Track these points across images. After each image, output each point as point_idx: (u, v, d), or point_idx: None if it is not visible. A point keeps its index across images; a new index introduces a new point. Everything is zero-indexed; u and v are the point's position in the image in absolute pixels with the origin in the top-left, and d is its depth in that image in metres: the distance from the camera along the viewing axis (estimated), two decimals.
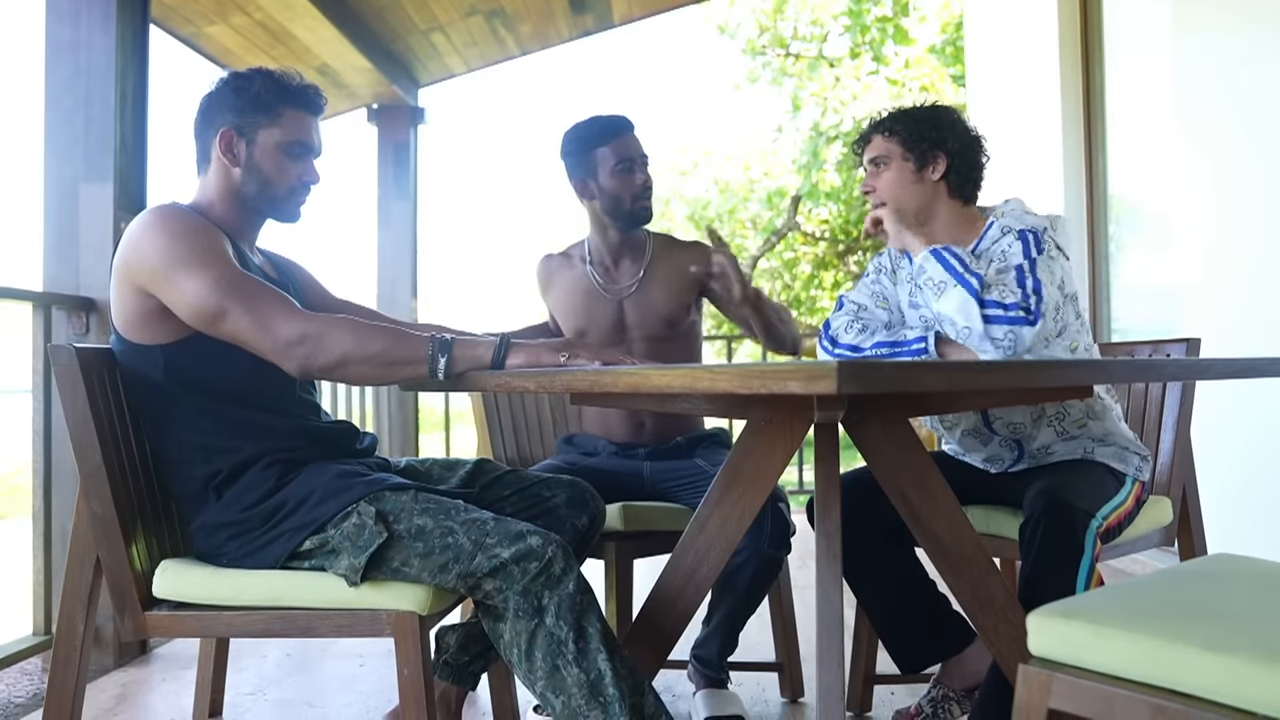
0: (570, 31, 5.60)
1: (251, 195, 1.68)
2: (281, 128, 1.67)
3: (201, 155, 1.71)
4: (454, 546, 1.46)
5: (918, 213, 1.91)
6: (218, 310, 1.51)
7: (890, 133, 1.91)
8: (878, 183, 1.93)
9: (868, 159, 1.95)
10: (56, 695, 1.62)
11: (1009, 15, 5.34)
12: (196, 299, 1.51)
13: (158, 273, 1.54)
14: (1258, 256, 3.01)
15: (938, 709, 2.01)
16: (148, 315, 1.57)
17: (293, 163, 1.69)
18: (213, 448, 1.58)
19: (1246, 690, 0.98)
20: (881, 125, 1.94)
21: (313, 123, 1.72)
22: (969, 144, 1.92)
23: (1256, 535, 2.83)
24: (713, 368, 1.18)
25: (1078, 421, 1.89)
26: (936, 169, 1.90)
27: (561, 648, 1.42)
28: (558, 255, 2.41)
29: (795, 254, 15.34)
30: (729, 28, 14.46)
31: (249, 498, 1.56)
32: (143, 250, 1.55)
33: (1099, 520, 1.70)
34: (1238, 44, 3.14)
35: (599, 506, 1.83)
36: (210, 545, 1.59)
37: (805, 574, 3.43)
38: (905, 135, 1.90)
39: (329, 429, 1.72)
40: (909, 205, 1.91)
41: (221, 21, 4.40)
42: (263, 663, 2.71)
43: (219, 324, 1.52)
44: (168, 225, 1.56)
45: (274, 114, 1.67)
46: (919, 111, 1.94)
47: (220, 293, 1.51)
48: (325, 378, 1.57)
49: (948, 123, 1.91)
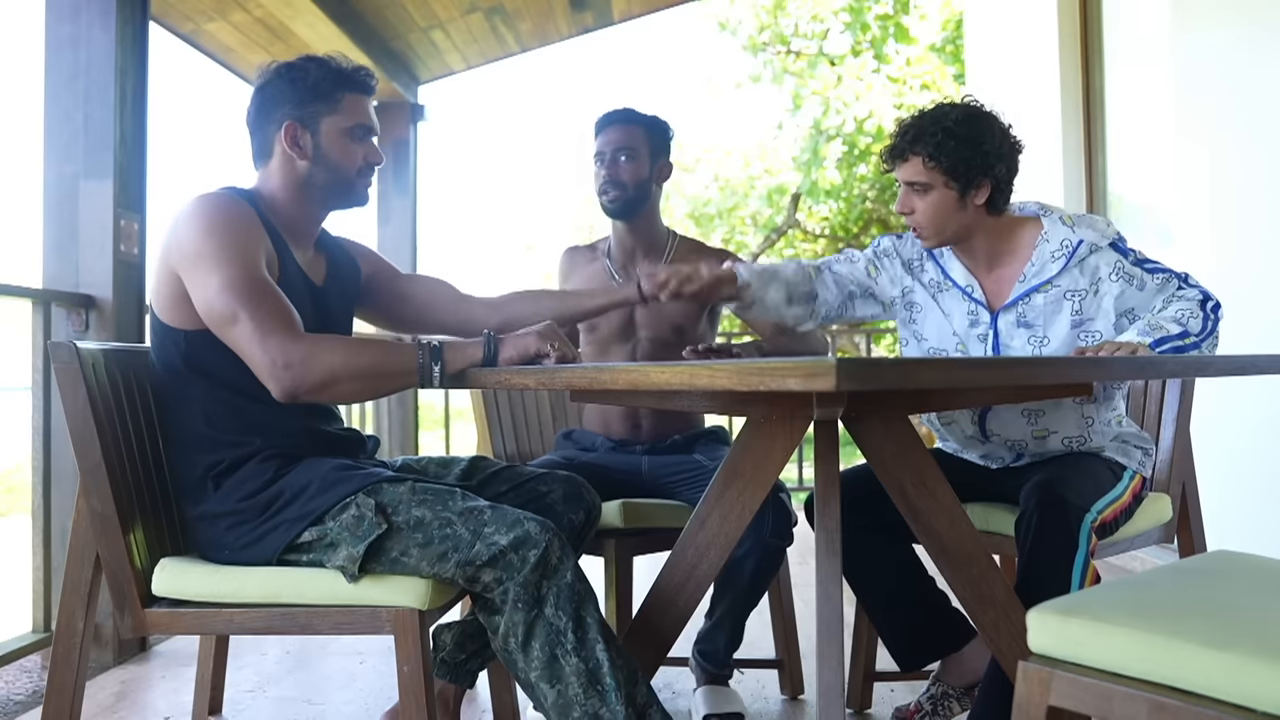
0: (570, 29, 5.60)
1: (321, 185, 1.70)
2: (343, 113, 1.69)
3: (260, 149, 1.71)
4: (453, 536, 1.47)
5: (959, 233, 1.84)
6: (226, 314, 1.51)
7: (931, 159, 1.76)
8: (916, 205, 1.81)
9: (904, 179, 1.81)
10: (56, 692, 1.62)
11: (1009, 14, 5.33)
12: (211, 297, 1.52)
13: (186, 261, 1.55)
14: (1257, 254, 3.01)
15: (937, 706, 2.01)
16: (177, 299, 1.58)
17: (357, 146, 1.71)
18: (218, 439, 1.59)
19: (1246, 687, 0.98)
20: (920, 148, 1.77)
21: (369, 103, 1.74)
22: (1010, 158, 1.81)
23: (1256, 532, 2.82)
24: (712, 365, 1.18)
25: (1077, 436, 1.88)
26: (980, 195, 1.79)
27: (560, 637, 1.43)
28: (583, 248, 2.42)
29: (795, 251, 15.33)
30: (729, 24, 14.45)
31: (247, 488, 1.56)
32: (180, 236, 1.56)
33: (1093, 514, 1.70)
34: (1237, 44, 3.13)
35: (594, 501, 1.83)
36: (209, 536, 1.59)
37: (805, 571, 3.43)
38: (948, 165, 1.76)
39: (336, 436, 1.72)
40: (951, 229, 1.82)
41: (221, 18, 4.40)
42: (262, 660, 2.71)
43: (226, 329, 1.53)
44: (206, 216, 1.57)
45: (334, 101, 1.68)
46: (961, 131, 1.76)
47: (232, 296, 1.51)
48: (317, 399, 1.55)
49: (992, 143, 1.77)
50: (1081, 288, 1.82)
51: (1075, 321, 1.82)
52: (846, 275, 1.99)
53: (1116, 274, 1.80)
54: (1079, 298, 1.82)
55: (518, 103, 31.19)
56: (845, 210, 14.32)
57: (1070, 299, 1.82)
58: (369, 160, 1.72)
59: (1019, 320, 1.85)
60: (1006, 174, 1.81)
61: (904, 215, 1.84)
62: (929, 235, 1.83)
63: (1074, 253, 1.82)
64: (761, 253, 14.89)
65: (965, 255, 1.90)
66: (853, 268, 2.00)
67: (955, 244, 1.88)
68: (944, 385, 1.51)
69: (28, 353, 2.66)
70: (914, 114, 1.84)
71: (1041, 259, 1.84)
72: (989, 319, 1.88)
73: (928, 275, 1.96)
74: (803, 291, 1.94)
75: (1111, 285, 1.81)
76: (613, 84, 27.96)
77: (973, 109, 1.82)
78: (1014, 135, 1.84)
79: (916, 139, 1.78)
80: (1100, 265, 1.81)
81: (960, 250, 1.90)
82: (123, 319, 2.74)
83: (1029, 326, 1.85)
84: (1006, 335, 1.87)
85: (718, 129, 20.59)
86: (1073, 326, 1.82)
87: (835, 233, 14.78)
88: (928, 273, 1.96)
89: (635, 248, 2.33)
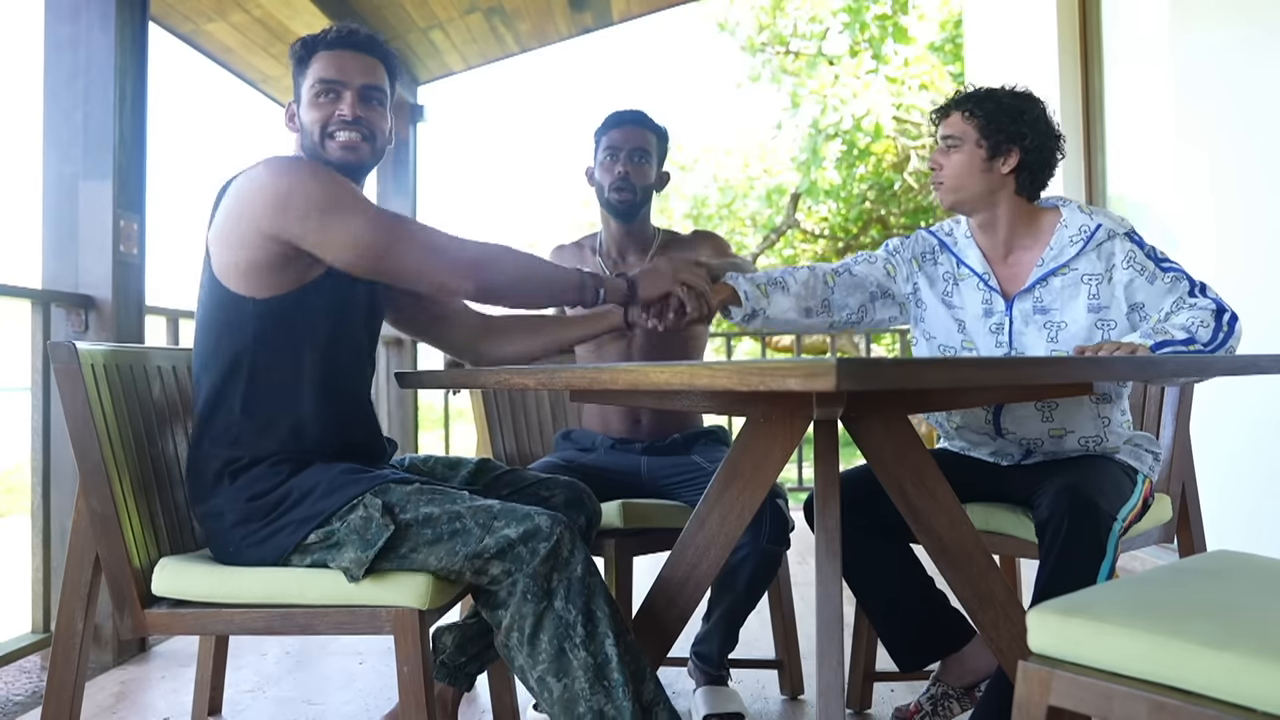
0: (569, 29, 5.60)
1: (309, 155, 1.68)
2: (308, 75, 1.68)
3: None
4: (462, 531, 1.46)
5: (978, 199, 1.89)
6: (386, 245, 1.53)
7: (970, 114, 1.86)
8: (945, 161, 1.89)
9: (940, 135, 1.91)
10: (55, 693, 1.62)
11: (1008, 14, 5.34)
12: (361, 233, 1.52)
13: (312, 213, 1.51)
14: (1256, 255, 3.01)
15: (937, 707, 2.01)
16: (260, 266, 1.55)
17: (323, 105, 1.65)
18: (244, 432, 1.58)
19: (1246, 686, 0.98)
20: (964, 103, 1.88)
21: (339, 57, 1.66)
22: (1047, 142, 1.88)
23: (1256, 532, 2.82)
24: (712, 365, 1.18)
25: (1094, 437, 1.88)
26: (1008, 162, 1.85)
27: (570, 630, 1.42)
28: (570, 245, 2.42)
29: (795, 251, 15.33)
30: (728, 24, 14.45)
31: (257, 488, 1.56)
32: (292, 194, 1.52)
33: (1120, 522, 1.69)
34: (1236, 44, 3.14)
35: (595, 507, 1.83)
36: (216, 531, 1.59)
37: (805, 571, 3.44)
38: (984, 120, 1.85)
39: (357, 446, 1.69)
40: (970, 191, 1.88)
41: (221, 19, 4.40)
42: (262, 660, 2.71)
43: (383, 260, 1.54)
44: (318, 171, 1.57)
45: (305, 66, 1.68)
46: (1005, 97, 1.88)
47: (384, 229, 1.54)
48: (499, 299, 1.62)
49: (1030, 117, 1.86)
50: (1098, 272, 1.84)
51: (1092, 306, 1.83)
52: (866, 275, 2.00)
53: (1128, 262, 1.82)
54: (1095, 282, 1.84)
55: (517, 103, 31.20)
56: (844, 210, 14.32)
57: (1087, 283, 1.84)
58: (337, 115, 1.64)
59: (1035, 306, 1.87)
60: (1038, 154, 1.86)
61: (931, 170, 1.92)
62: (949, 190, 1.89)
63: (1092, 236, 1.84)
64: (760, 253, 14.89)
65: (985, 235, 1.93)
66: (872, 267, 2.01)
67: (974, 213, 1.91)
68: (944, 385, 1.51)
69: (27, 353, 2.66)
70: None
71: (1060, 243, 1.86)
72: (1004, 307, 1.89)
73: (942, 268, 1.97)
74: (818, 299, 1.96)
75: (1123, 273, 1.82)
76: (612, 84, 27.98)
77: (1027, 90, 1.92)
78: (1057, 127, 1.90)
79: (965, 98, 1.90)
80: (1115, 251, 1.83)
81: (980, 229, 1.92)
82: (122, 319, 2.73)
83: (1045, 312, 1.86)
84: (1021, 323, 1.88)
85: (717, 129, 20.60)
86: (1089, 311, 1.83)
87: (834, 233, 14.78)
88: (942, 265, 1.97)
89: (628, 244, 2.34)
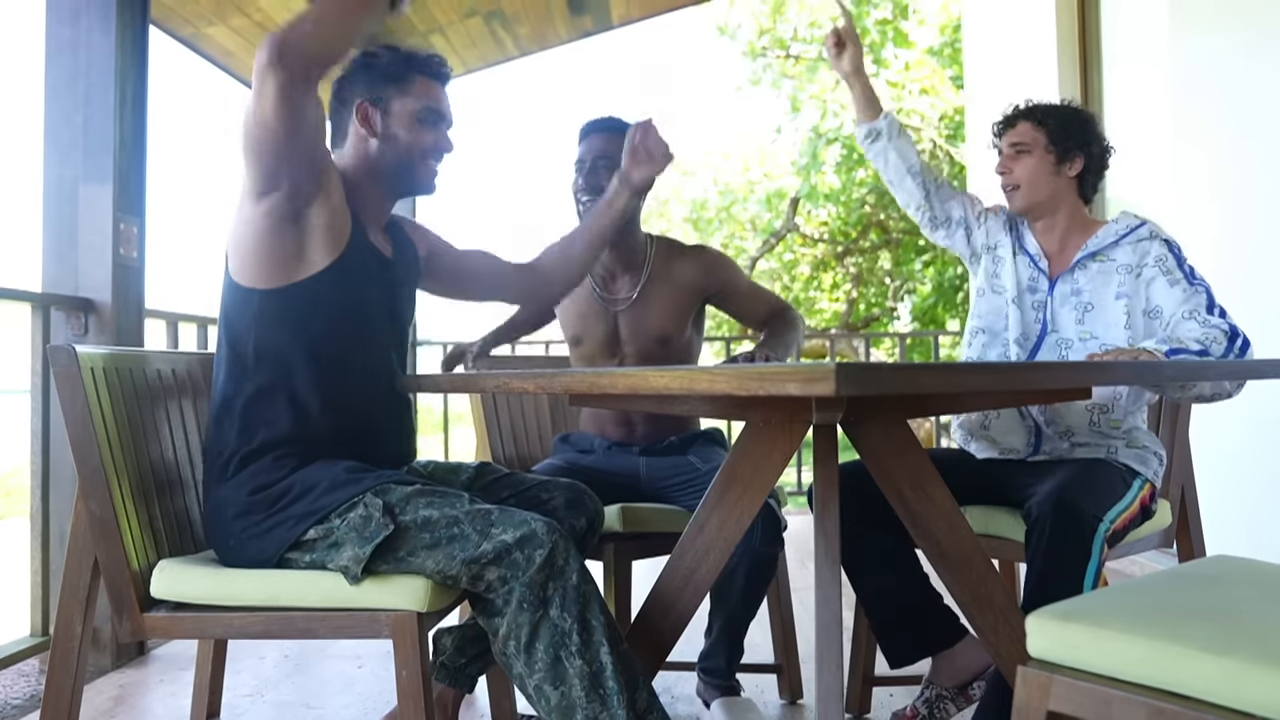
0: (569, 33, 5.60)
1: (389, 165, 1.71)
2: (414, 96, 1.71)
3: (337, 131, 1.75)
4: (460, 536, 1.47)
5: (1046, 202, 2.03)
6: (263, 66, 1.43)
7: (1040, 123, 2.02)
8: (1016, 166, 2.03)
9: (1009, 142, 2.04)
10: (54, 696, 1.62)
11: (1008, 18, 5.34)
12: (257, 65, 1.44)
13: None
14: (1255, 257, 3.01)
15: (933, 709, 2.01)
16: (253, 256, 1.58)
17: (427, 130, 1.73)
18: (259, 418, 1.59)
19: (1245, 692, 0.98)
20: (1033, 114, 2.03)
21: (443, 92, 1.76)
22: (1104, 151, 2.06)
23: (1255, 537, 2.83)
24: (712, 369, 1.18)
25: (1115, 422, 1.90)
26: (1074, 166, 2.02)
27: (565, 639, 1.42)
28: None
29: (794, 255, 15.34)
30: (728, 28, 14.48)
31: (260, 480, 1.57)
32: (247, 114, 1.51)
33: (1107, 524, 1.69)
34: (1234, 48, 3.14)
35: (597, 508, 1.83)
36: (218, 524, 1.60)
37: (804, 575, 3.44)
38: (1054, 128, 2.01)
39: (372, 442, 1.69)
40: (1041, 194, 2.02)
41: (221, 23, 4.40)
42: (261, 664, 2.71)
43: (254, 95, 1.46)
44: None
45: (405, 83, 1.71)
46: (1068, 110, 2.05)
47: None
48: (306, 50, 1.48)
49: (1091, 127, 2.04)
50: (1131, 263, 1.95)
51: (1119, 294, 1.93)
52: (956, 199, 2.16)
53: (1158, 263, 1.92)
54: (1126, 273, 1.94)
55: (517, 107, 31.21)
56: (844, 214, 14.33)
57: (1120, 273, 1.95)
58: (438, 146, 1.74)
59: (1073, 288, 1.99)
60: (1099, 161, 2.05)
61: (1001, 176, 2.05)
62: (1022, 194, 2.02)
63: (1134, 230, 1.98)
64: (760, 256, 14.90)
65: (1044, 231, 2.06)
66: (965, 202, 2.17)
67: (1041, 217, 2.05)
68: (943, 390, 1.51)
69: (27, 356, 2.66)
70: None
71: (1106, 234, 1.99)
72: (1047, 286, 2.02)
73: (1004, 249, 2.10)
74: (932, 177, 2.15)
75: (1150, 271, 1.92)
76: (612, 88, 27.99)
77: (1082, 109, 2.10)
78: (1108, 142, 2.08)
79: (1032, 109, 2.05)
80: (1151, 250, 1.94)
81: (1041, 226, 2.06)
82: (122, 323, 2.74)
83: (1079, 293, 1.97)
84: (1059, 302, 2.00)
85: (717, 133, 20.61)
86: (1116, 298, 1.93)
87: (834, 237, 14.79)
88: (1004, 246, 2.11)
89: (618, 257, 2.28)
